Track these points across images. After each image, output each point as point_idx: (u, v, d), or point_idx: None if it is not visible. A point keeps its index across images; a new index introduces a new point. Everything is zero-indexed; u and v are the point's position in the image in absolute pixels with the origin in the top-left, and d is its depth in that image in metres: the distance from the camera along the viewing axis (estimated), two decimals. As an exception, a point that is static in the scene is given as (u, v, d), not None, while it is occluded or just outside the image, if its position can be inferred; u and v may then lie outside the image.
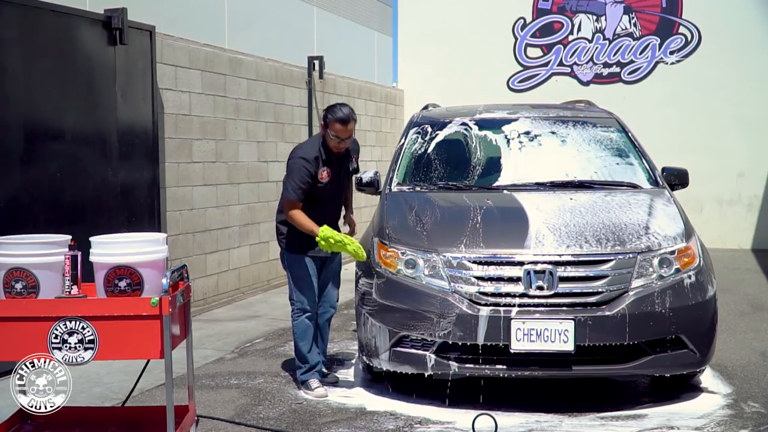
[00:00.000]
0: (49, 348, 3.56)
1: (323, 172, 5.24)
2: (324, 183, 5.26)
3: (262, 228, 9.50)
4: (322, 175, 5.23)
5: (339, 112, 5.21)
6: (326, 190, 5.31)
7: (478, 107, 6.94)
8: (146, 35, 7.39)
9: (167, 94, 7.77)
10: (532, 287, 4.83)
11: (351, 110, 5.29)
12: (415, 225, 5.41)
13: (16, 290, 3.61)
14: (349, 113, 5.24)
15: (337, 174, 5.37)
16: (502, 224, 5.33)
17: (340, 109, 5.24)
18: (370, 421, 4.84)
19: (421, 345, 4.99)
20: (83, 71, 6.67)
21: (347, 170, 5.52)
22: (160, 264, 3.76)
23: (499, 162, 6.12)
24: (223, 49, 8.85)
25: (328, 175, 5.26)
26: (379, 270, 5.26)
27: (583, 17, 13.44)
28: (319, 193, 5.27)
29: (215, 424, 4.79)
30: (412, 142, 6.49)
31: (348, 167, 5.51)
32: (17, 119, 6.02)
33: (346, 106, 5.30)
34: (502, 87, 13.62)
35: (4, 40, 5.89)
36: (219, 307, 8.37)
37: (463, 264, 4.98)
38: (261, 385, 5.57)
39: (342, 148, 5.28)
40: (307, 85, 10.67)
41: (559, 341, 4.72)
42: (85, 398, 5.13)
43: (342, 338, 6.94)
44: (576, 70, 13.49)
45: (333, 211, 5.45)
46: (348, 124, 5.21)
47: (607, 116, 6.75)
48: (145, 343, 3.61)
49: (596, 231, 5.11)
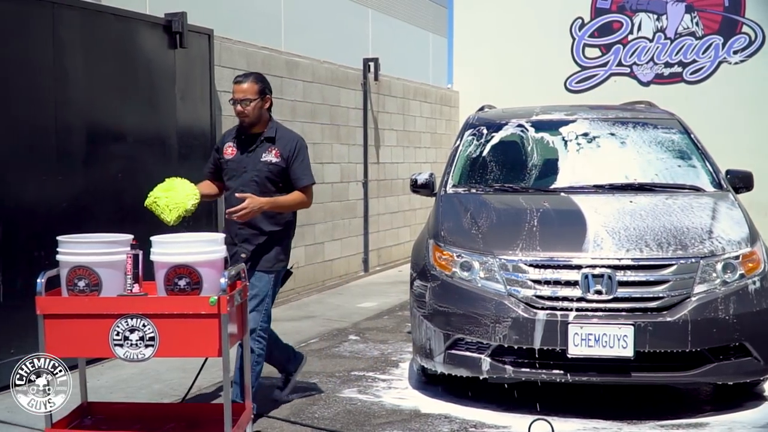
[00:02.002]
0: (110, 345, 3.62)
1: (228, 148, 4.85)
2: (226, 159, 4.83)
3: (317, 229, 9.56)
4: (226, 151, 4.85)
5: (241, 75, 4.88)
6: (229, 171, 4.83)
7: (534, 108, 6.87)
8: (205, 39, 7.49)
9: (225, 96, 7.84)
10: (590, 291, 4.77)
11: (257, 74, 4.90)
12: (471, 227, 5.37)
13: (79, 288, 3.68)
14: (248, 75, 4.83)
15: (245, 157, 4.79)
16: (559, 227, 5.27)
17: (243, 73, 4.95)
18: (425, 423, 4.83)
19: (476, 348, 4.96)
20: (144, 74, 6.79)
21: (257, 157, 4.76)
22: (218, 264, 3.80)
23: (556, 164, 6.05)
24: (279, 52, 8.92)
25: (231, 153, 4.82)
26: (434, 272, 5.23)
27: (643, 16, 13.21)
28: (224, 172, 4.87)
29: (271, 422, 4.82)
30: (467, 143, 6.46)
31: (259, 154, 4.77)
32: (79, 121, 6.15)
33: (253, 72, 5.02)
34: (560, 88, 13.47)
35: (67, 43, 6.02)
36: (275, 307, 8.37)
37: (519, 267, 4.93)
38: (316, 385, 5.59)
39: (244, 115, 4.72)
40: (363, 87, 10.70)
41: (618, 347, 4.64)
42: (144, 394, 5.21)
43: (396, 340, 6.94)
44: (636, 70, 13.27)
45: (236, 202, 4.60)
46: (241, 83, 4.75)
47: (669, 117, 6.63)
48: (203, 341, 3.65)
49: (657, 235, 5.01)
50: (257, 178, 4.74)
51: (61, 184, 5.88)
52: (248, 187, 4.69)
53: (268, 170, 4.75)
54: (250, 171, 4.75)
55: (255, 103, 4.73)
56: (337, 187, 10.06)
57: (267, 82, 4.87)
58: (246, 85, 4.73)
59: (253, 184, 4.72)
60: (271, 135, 4.82)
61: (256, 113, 4.76)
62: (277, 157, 4.77)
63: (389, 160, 11.57)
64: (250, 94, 4.71)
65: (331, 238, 9.94)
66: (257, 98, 4.73)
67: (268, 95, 4.83)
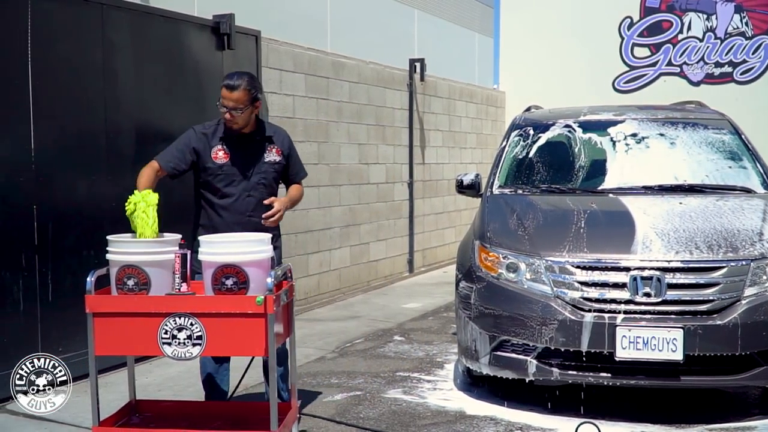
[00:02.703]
0: (159, 343, 3.67)
1: (217, 152, 4.51)
2: (219, 164, 4.50)
3: (362, 229, 9.58)
4: (216, 155, 4.50)
5: (229, 77, 4.48)
6: (225, 177, 4.53)
7: (582, 109, 6.81)
8: (252, 40, 7.55)
9: (272, 97, 7.91)
10: (638, 294, 4.70)
11: (249, 78, 4.49)
12: (517, 228, 5.34)
13: (128, 287, 3.72)
14: (239, 81, 4.43)
15: (243, 160, 4.56)
16: (607, 228, 5.21)
17: (234, 74, 4.51)
18: (470, 425, 4.80)
19: (522, 350, 4.92)
20: (191, 75, 6.86)
21: (261, 159, 4.61)
22: (265, 263, 3.82)
23: (604, 165, 5.99)
24: (325, 53, 8.96)
25: (224, 157, 4.50)
26: (479, 274, 5.21)
27: (692, 16, 13.02)
28: (217, 179, 4.53)
29: (316, 422, 4.83)
30: (513, 144, 6.42)
31: (262, 155, 4.62)
32: (128, 122, 6.23)
33: (245, 74, 4.54)
34: (608, 88, 13.33)
35: (116, 44, 6.11)
36: (320, 307, 8.47)
37: (566, 269, 4.89)
38: (361, 386, 5.60)
39: (234, 122, 4.46)
40: (408, 88, 10.70)
41: (667, 350, 4.57)
42: (191, 392, 5.27)
43: (441, 341, 6.92)
44: (686, 70, 13.07)
45: (244, 208, 4.55)
46: (232, 90, 4.41)
47: (719, 118, 6.52)
48: (250, 340, 3.67)
49: (707, 237, 4.93)
50: (264, 181, 4.61)
51: (110, 184, 5.97)
52: (256, 191, 4.58)
53: (273, 170, 4.65)
54: (256, 174, 4.58)
55: (246, 111, 4.47)
56: (382, 188, 10.07)
57: (258, 85, 4.58)
58: (237, 94, 4.41)
59: (261, 186, 4.60)
60: (270, 134, 4.67)
61: (246, 120, 4.51)
62: (279, 155, 4.67)
63: (434, 161, 11.55)
64: (242, 103, 4.43)
65: (376, 239, 9.95)
66: (248, 106, 4.47)
67: (259, 100, 4.57)
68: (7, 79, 5.31)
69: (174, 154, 4.55)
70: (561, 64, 13.51)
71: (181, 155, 4.54)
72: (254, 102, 4.50)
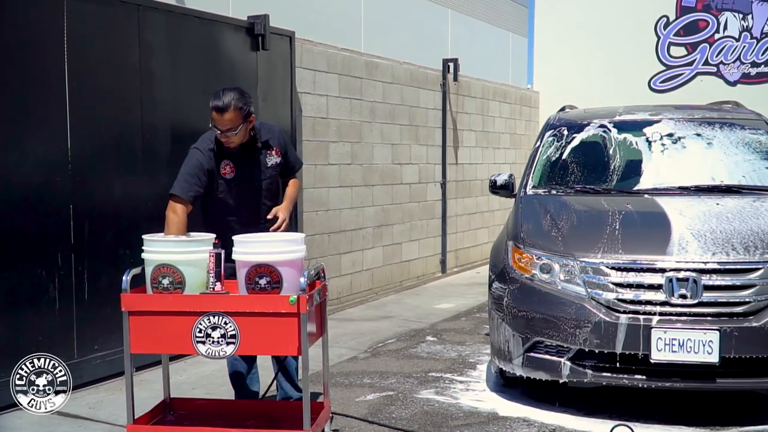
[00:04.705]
0: (193, 342, 3.70)
1: (225, 167, 4.47)
2: (227, 179, 4.48)
3: (395, 230, 9.58)
4: (225, 170, 4.47)
5: (216, 97, 4.33)
6: (235, 190, 4.52)
7: (617, 109, 6.75)
8: (286, 41, 7.59)
9: (305, 97, 7.94)
10: (674, 295, 4.65)
11: (237, 96, 4.34)
12: (551, 229, 5.30)
13: (163, 286, 3.76)
14: (228, 101, 4.29)
15: (249, 171, 4.55)
16: (642, 229, 5.16)
17: (221, 93, 4.35)
18: (503, 426, 4.79)
19: (555, 351, 4.89)
20: (226, 76, 6.90)
21: (264, 165, 4.61)
22: (298, 263, 3.84)
23: (640, 165, 5.93)
24: (359, 53, 8.98)
25: (231, 171, 4.48)
26: (513, 275, 5.18)
27: (728, 15, 12.86)
28: (226, 194, 4.52)
29: (348, 421, 4.84)
30: (548, 144, 6.38)
31: (265, 162, 4.61)
32: (164, 122, 6.29)
33: (232, 91, 4.37)
34: (643, 88, 13.21)
35: (152, 45, 6.17)
36: (352, 307, 8.49)
37: (600, 270, 4.85)
38: (393, 386, 5.60)
39: (230, 141, 4.41)
40: (442, 88, 10.69)
41: (703, 352, 4.51)
42: (225, 391, 5.30)
43: (474, 341, 6.90)
44: (723, 69, 12.91)
45: (249, 218, 4.55)
46: (223, 113, 4.29)
47: (756, 118, 6.43)
48: (283, 339, 3.70)
49: (744, 238, 4.86)
50: (271, 186, 4.65)
51: (146, 184, 6.03)
52: (267, 198, 4.65)
53: (276, 172, 4.70)
54: (263, 181, 4.60)
55: (241, 130, 4.40)
56: (415, 188, 10.07)
57: (248, 99, 4.44)
58: (229, 115, 4.30)
59: (269, 192, 4.64)
60: (266, 139, 4.63)
61: (242, 138, 4.46)
62: (278, 155, 4.68)
63: (468, 161, 11.52)
64: (235, 123, 4.34)
65: (408, 239, 9.95)
66: (242, 124, 4.38)
67: (252, 114, 4.47)
68: (44, 80, 5.39)
69: (188, 180, 4.40)
70: (596, 64, 13.41)
71: (196, 180, 4.41)
72: (248, 118, 4.42)
